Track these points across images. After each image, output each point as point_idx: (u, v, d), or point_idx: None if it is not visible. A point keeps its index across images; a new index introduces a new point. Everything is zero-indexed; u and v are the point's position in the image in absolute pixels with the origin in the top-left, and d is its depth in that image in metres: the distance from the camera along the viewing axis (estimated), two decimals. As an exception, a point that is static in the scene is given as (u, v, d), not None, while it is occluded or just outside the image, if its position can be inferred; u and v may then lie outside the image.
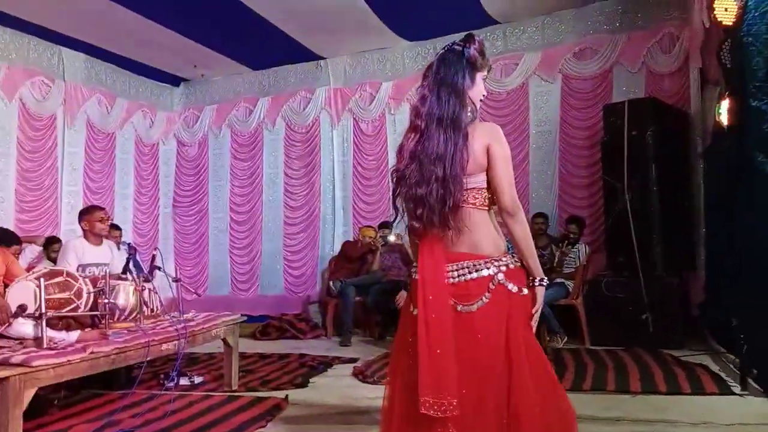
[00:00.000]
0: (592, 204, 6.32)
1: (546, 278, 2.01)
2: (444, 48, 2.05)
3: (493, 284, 1.89)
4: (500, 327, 1.88)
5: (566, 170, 6.55)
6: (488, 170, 1.93)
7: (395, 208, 2.03)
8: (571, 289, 5.61)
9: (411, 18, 6.64)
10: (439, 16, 6.52)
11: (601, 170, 5.96)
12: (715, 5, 3.65)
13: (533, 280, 1.96)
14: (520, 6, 6.40)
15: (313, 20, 6.50)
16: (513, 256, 1.97)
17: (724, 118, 3.90)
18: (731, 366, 4.18)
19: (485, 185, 1.95)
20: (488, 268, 1.90)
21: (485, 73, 2.05)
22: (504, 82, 6.81)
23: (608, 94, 6.36)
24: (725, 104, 3.88)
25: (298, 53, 7.44)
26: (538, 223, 6.09)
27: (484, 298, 1.88)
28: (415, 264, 1.99)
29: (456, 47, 2.01)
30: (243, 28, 6.61)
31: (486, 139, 1.93)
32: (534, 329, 1.98)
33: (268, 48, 7.28)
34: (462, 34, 2.07)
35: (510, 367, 1.86)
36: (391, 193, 2.06)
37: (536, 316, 1.97)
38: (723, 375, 3.99)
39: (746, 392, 3.56)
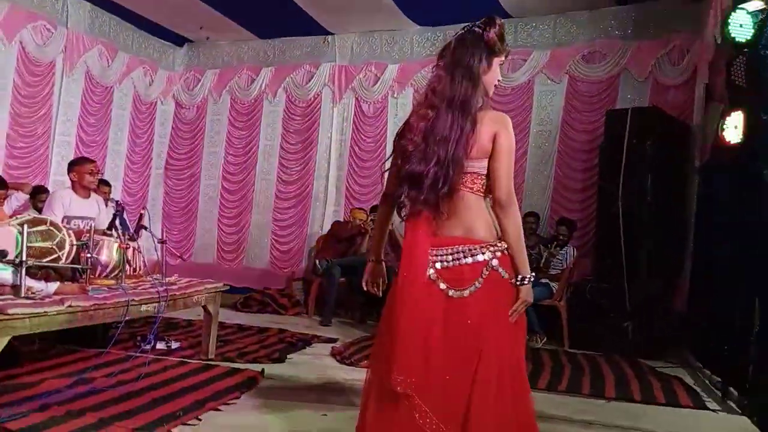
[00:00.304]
0: (584, 208, 6.32)
1: (533, 275, 1.98)
2: (464, 28, 2.01)
3: (487, 270, 1.89)
4: (488, 313, 1.88)
5: (562, 172, 6.54)
6: (490, 158, 1.92)
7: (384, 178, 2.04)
8: (555, 291, 5.62)
9: (424, 2, 6.56)
10: (452, 2, 6.43)
11: (597, 175, 5.95)
12: (729, 20, 3.61)
13: (520, 278, 1.92)
14: (535, 2, 6.34)
15: (325, -7, 6.40)
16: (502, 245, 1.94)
17: (728, 135, 3.88)
18: (707, 381, 4.22)
19: (485, 172, 1.93)
20: (483, 254, 1.89)
21: (503, 58, 2.01)
22: (510, 77, 6.75)
23: (612, 100, 6.34)
24: (731, 120, 3.85)
25: (306, 25, 7.32)
26: (529, 222, 6.08)
27: (476, 283, 1.88)
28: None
29: (476, 29, 1.96)
30: (253, -5, 6.51)
31: (495, 127, 1.91)
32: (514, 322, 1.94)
33: (277, 17, 7.15)
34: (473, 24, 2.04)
35: (480, 357, 1.85)
36: (386, 162, 2.05)
37: (516, 313, 1.92)
38: (698, 389, 4.01)
39: (720, 409, 3.58)
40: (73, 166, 4.41)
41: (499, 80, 2.03)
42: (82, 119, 7.04)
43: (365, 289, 2.26)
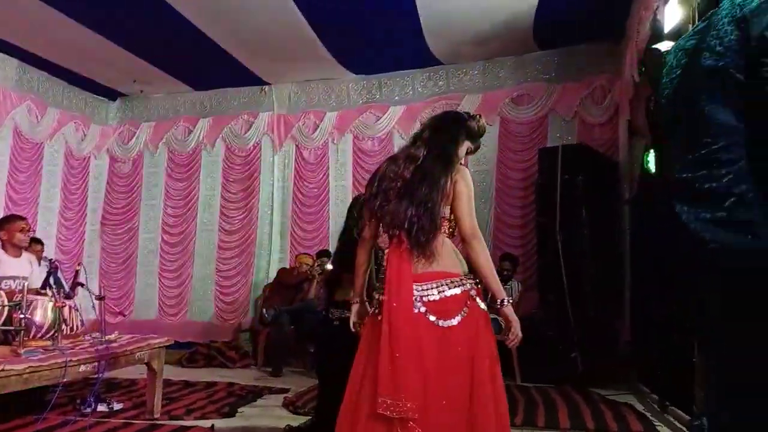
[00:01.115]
0: (525, 243, 6.50)
1: (510, 298, 2.27)
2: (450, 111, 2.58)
3: (469, 300, 2.13)
4: (473, 340, 2.09)
5: (501, 209, 6.74)
6: (452, 203, 2.18)
7: (362, 216, 2.35)
8: (503, 326, 5.68)
9: (359, 52, 6.74)
10: (386, 52, 6.67)
11: (534, 211, 6.16)
12: (645, 60, 3.90)
13: (500, 302, 2.18)
14: (464, 50, 6.63)
15: (260, 45, 6.47)
16: (475, 278, 2.19)
17: (652, 168, 4.12)
18: (655, 406, 4.34)
19: (449, 215, 2.20)
20: (463, 285, 2.14)
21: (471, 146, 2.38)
22: (446, 120, 6.97)
23: (543, 139, 6.63)
24: (653, 155, 4.11)
25: (243, 76, 7.37)
26: (472, 259, 6.18)
27: (462, 312, 2.10)
28: (379, 284, 2.23)
29: (463, 114, 2.41)
30: (187, 47, 6.48)
31: (454, 177, 2.19)
32: (516, 344, 2.26)
33: (212, 69, 7.17)
34: (407, 71, 2.31)
35: (472, 383, 2.05)
36: (366, 199, 2.33)
37: (514, 334, 2.21)
38: (648, 415, 4.12)
39: None
40: (3, 224, 4.23)
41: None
42: (11, 176, 6.77)
43: (353, 330, 2.38)
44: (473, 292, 2.14)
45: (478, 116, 2.37)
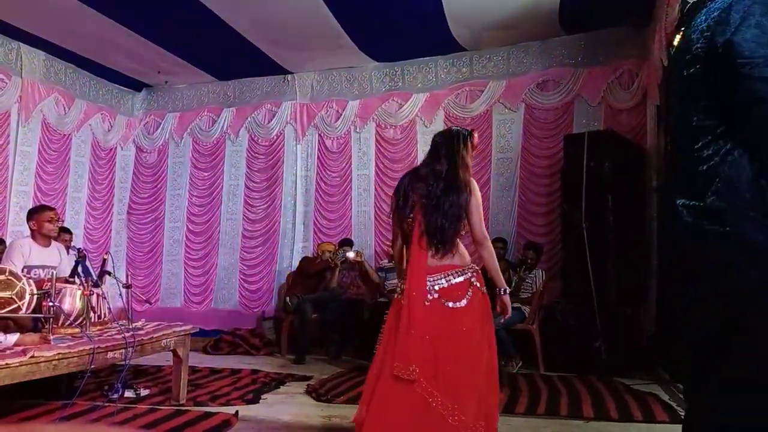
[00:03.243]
0: (550, 231, 6.43)
1: (509, 288, 2.89)
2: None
3: (471, 285, 2.70)
4: (476, 317, 2.66)
5: (526, 197, 6.66)
6: (467, 211, 2.73)
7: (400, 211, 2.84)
8: (527, 314, 5.66)
9: (381, 40, 6.70)
10: (409, 39, 6.61)
11: (559, 199, 6.08)
12: (675, 43, 3.79)
13: (499, 290, 2.82)
14: (487, 35, 6.53)
15: (282, 34, 6.48)
16: (475, 268, 2.79)
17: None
18: (681, 396, 4.26)
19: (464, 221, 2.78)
20: (465, 273, 2.72)
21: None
22: (469, 107, 6.92)
23: (569, 125, 6.52)
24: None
25: (265, 66, 7.39)
26: (497, 247, 6.08)
27: (468, 295, 2.67)
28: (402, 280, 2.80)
29: (462, 131, 2.88)
30: (211, 38, 6.52)
31: (471, 189, 2.76)
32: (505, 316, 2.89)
33: (235, 59, 7.21)
34: (430, 58, 2.38)
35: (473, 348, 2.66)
36: (394, 209, 2.87)
37: (507, 318, 2.93)
38: (673, 405, 4.06)
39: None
40: (33, 214, 4.31)
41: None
42: (40, 167, 6.90)
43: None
44: (473, 279, 2.71)
45: (473, 131, 2.89)
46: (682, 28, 3.60)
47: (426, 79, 7.16)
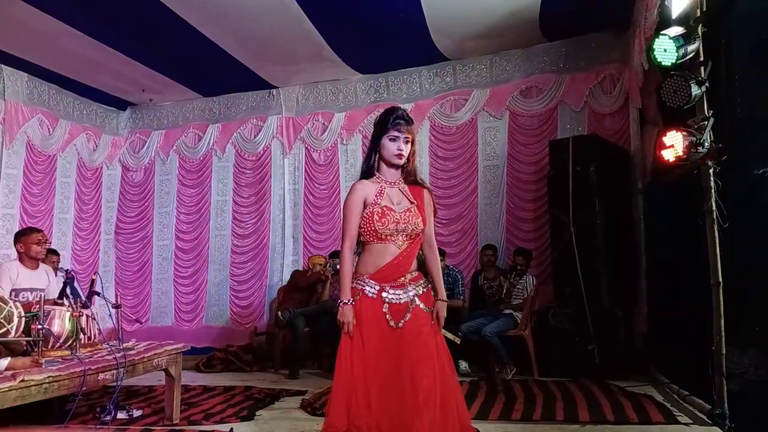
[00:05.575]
0: (538, 236, 6.46)
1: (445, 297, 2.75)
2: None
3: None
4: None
5: (513, 204, 6.70)
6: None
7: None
8: (519, 320, 5.67)
9: (365, 52, 6.74)
10: (392, 51, 6.65)
11: (547, 204, 6.11)
12: (654, 47, 3.83)
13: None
14: (470, 44, 6.59)
15: (266, 49, 6.50)
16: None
17: (666, 155, 4.02)
18: (675, 396, 4.29)
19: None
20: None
21: (395, 134, 2.59)
22: (454, 116, 6.97)
23: (553, 131, 6.57)
24: (666, 141, 4.01)
25: (250, 81, 7.41)
26: (488, 254, 6.17)
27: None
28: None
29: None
30: (195, 54, 6.54)
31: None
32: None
33: (220, 75, 7.22)
34: (414, 69, 2.28)
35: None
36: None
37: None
38: (668, 405, 4.07)
39: (691, 422, 3.64)
40: (20, 237, 4.29)
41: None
42: (26, 189, 6.86)
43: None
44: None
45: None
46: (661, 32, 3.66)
47: (410, 89, 7.20)
